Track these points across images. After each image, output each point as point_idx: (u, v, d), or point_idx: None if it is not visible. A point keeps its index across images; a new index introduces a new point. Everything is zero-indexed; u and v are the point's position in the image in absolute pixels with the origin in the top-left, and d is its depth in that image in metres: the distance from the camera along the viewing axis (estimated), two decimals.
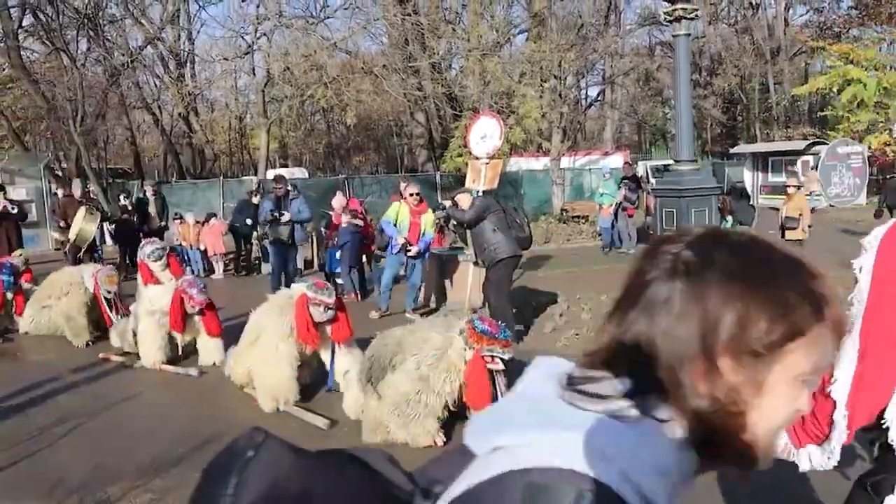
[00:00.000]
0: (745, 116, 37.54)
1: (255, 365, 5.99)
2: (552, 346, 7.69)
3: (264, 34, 22.07)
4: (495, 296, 7.87)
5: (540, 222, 19.41)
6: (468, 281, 8.85)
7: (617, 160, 28.06)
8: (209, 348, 7.40)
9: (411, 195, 9.77)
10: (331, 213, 11.70)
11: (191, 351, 7.64)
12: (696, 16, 8.31)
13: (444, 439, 4.98)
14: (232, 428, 5.55)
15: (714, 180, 9.61)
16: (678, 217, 8.21)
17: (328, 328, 5.88)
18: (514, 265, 8.16)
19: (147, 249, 7.65)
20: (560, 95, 22.95)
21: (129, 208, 14.63)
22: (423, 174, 24.65)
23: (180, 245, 14.66)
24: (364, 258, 12.37)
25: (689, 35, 8.45)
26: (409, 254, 9.52)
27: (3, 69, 26.38)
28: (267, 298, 6.33)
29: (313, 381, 6.32)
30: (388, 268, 10.02)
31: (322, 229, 12.20)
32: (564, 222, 20.77)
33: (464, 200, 8.20)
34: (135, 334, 7.54)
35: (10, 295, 9.07)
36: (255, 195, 14.70)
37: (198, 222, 14.78)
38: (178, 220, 14.93)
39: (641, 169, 25.20)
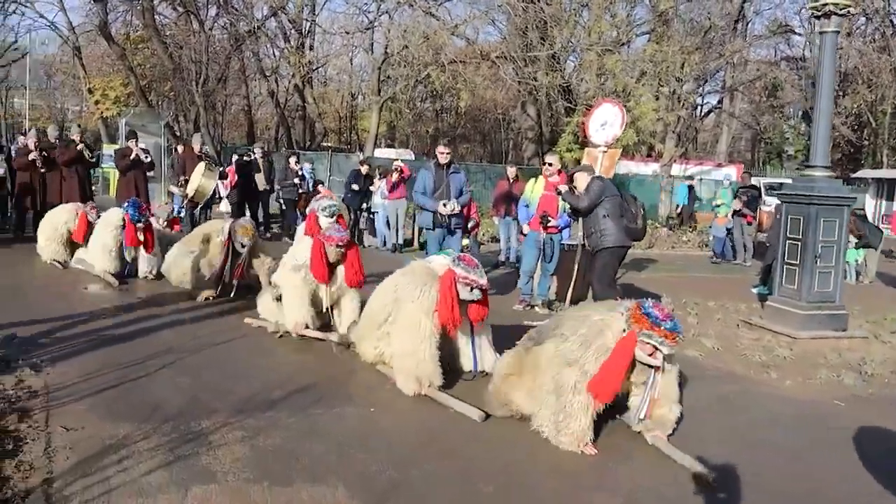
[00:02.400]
0: (871, 140, 35.52)
1: (393, 341, 5.44)
2: None
3: (386, 12, 22.26)
4: (599, 284, 7.56)
5: None
6: (574, 269, 8.54)
7: (730, 173, 27.06)
8: (346, 313, 6.76)
9: (546, 164, 8.88)
10: None
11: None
12: (849, 11, 7.76)
13: (594, 450, 4.35)
14: (330, 380, 5.57)
15: (848, 190, 9.00)
16: (805, 226, 7.68)
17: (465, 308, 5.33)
18: (620, 256, 7.77)
19: (323, 203, 7.37)
20: (678, 99, 22.22)
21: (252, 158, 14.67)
22: (530, 168, 24.35)
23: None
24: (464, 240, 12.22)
25: (838, 32, 7.90)
26: (549, 224, 8.43)
27: (137, 30, 27.59)
28: None
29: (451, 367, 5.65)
30: (526, 249, 8.98)
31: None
32: (671, 229, 20.14)
33: (581, 180, 7.79)
34: (279, 299, 6.97)
35: (142, 235, 8.95)
36: (364, 165, 14.88)
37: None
38: None
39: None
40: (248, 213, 14.25)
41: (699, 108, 33.05)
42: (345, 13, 24.53)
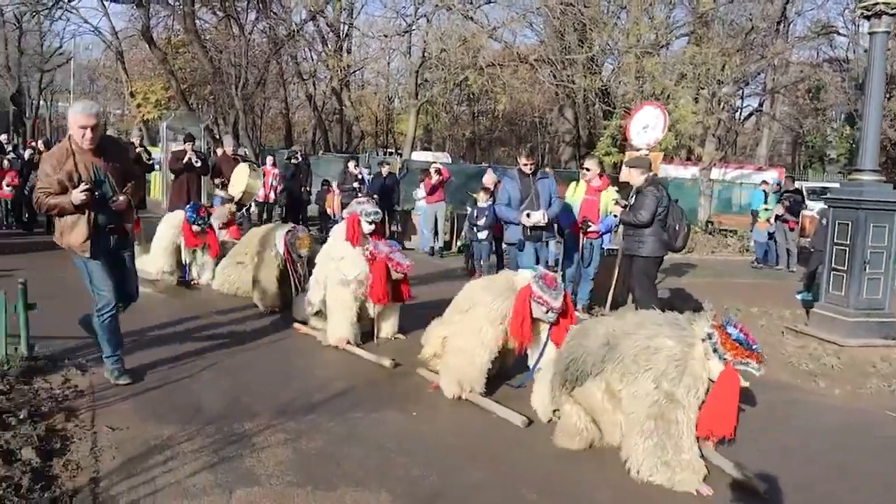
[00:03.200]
0: None
1: (452, 338, 5.33)
2: None
3: (424, 15, 22.33)
4: (640, 289, 7.43)
5: None
6: (615, 273, 8.43)
7: (770, 177, 26.62)
8: (388, 321, 6.82)
9: (584, 169, 8.55)
10: (475, 194, 11.54)
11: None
12: None
13: (710, 489, 3.95)
14: (370, 384, 5.54)
15: None
16: (854, 231, 7.50)
17: (545, 326, 5.14)
18: (657, 263, 7.61)
19: (367, 207, 6.99)
20: (718, 102, 21.91)
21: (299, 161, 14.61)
22: (566, 171, 24.20)
23: (325, 212, 14.99)
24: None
25: (888, 33, 7.71)
26: (589, 230, 8.21)
27: (178, 34, 28.00)
28: None
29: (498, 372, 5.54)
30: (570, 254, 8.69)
31: (468, 209, 12.08)
32: (711, 234, 19.85)
33: (634, 176, 7.50)
34: (316, 314, 6.89)
35: (196, 228, 8.80)
36: (385, 165, 14.65)
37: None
38: (326, 188, 15.21)
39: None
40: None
41: (739, 111, 32.61)
42: (382, 17, 24.69)
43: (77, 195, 4.61)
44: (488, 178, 11.46)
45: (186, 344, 6.26)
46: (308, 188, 14.82)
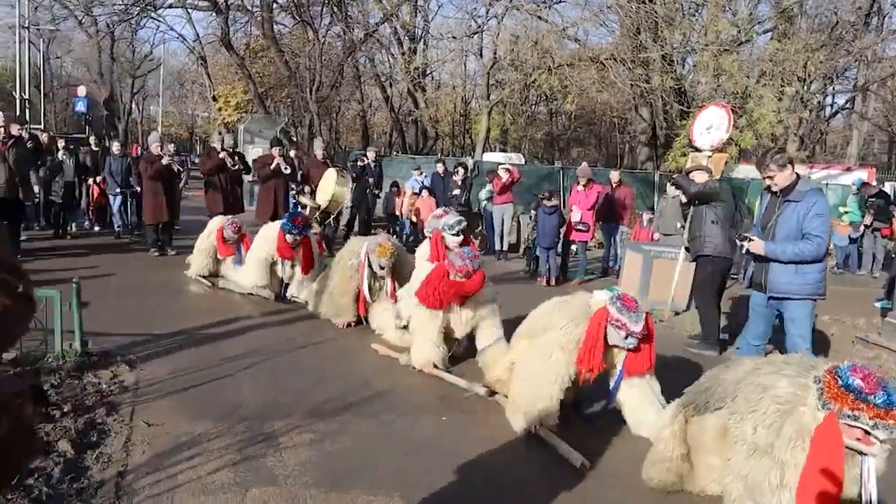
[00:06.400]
0: None
1: (521, 364, 4.81)
2: None
3: (495, 16, 22.28)
4: (699, 295, 7.22)
5: None
6: (674, 277, 8.19)
7: (860, 177, 25.45)
8: (487, 334, 5.92)
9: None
10: (542, 196, 11.42)
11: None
12: None
13: None
14: (407, 388, 5.52)
15: None
16: None
17: (621, 353, 4.58)
18: (722, 267, 7.29)
19: (450, 220, 6.56)
20: (802, 100, 21.10)
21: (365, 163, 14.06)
22: (642, 172, 23.72)
23: (394, 214, 15.04)
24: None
25: None
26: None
27: (257, 39, 28.75)
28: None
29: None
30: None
31: (532, 212, 11.96)
32: None
33: (699, 178, 7.30)
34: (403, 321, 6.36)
35: (290, 238, 8.10)
36: (456, 173, 14.33)
37: (414, 193, 14.98)
38: (395, 191, 15.25)
39: (888, 189, 22.61)
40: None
41: (829, 108, 31.33)
42: (454, 18, 24.75)
43: None
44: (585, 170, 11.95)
45: (234, 343, 6.38)
46: (376, 191, 14.65)
